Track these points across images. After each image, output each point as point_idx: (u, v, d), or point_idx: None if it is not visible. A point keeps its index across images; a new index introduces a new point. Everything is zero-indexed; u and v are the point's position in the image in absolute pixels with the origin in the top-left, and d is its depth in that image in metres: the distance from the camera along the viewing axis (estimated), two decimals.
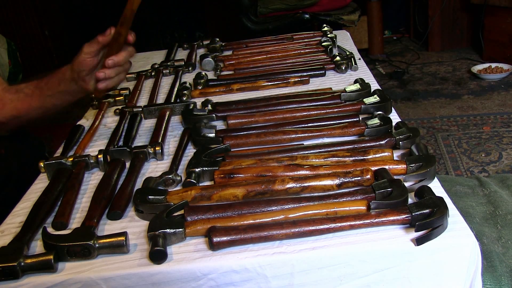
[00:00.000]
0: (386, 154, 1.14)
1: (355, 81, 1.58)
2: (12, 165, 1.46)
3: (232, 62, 1.99)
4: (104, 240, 0.93)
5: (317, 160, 1.14)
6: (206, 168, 1.15)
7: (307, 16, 3.63)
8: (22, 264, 0.90)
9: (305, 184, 1.05)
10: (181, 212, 1.00)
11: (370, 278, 0.92)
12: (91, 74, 1.27)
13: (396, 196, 0.96)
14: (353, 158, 1.14)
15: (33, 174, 1.29)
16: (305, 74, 1.77)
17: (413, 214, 0.91)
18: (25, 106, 1.31)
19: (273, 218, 0.95)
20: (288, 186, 1.05)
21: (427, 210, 0.92)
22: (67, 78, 1.25)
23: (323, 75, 1.79)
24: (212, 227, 0.93)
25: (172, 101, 1.66)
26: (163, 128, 1.44)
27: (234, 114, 1.45)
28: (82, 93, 1.33)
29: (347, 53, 1.95)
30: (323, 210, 0.96)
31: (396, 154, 1.19)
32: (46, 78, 1.30)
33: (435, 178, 1.07)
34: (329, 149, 1.20)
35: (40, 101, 1.30)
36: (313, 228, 0.91)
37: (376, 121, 1.29)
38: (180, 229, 0.94)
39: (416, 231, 0.90)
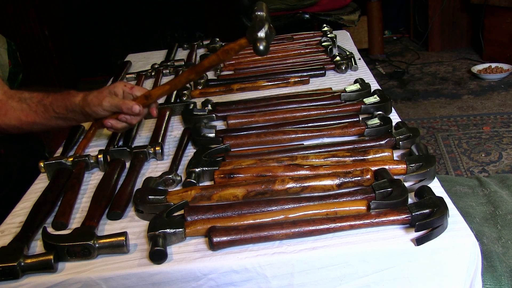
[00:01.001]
0: (386, 154, 1.14)
1: (355, 81, 1.58)
2: (12, 165, 1.46)
3: (232, 62, 1.98)
4: (104, 240, 0.93)
5: (317, 160, 1.14)
6: (206, 168, 1.15)
7: (307, 16, 3.63)
8: (22, 264, 0.90)
9: (305, 184, 1.05)
10: (181, 212, 1.00)
11: (370, 278, 0.92)
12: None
13: (396, 196, 0.96)
14: (353, 158, 1.14)
15: (33, 174, 1.29)
16: (305, 74, 1.77)
17: (413, 214, 0.91)
18: (29, 120, 1.32)
19: (273, 218, 0.95)
20: (288, 186, 1.05)
21: (427, 210, 0.92)
22: (77, 110, 1.27)
23: (323, 75, 1.79)
24: (212, 227, 0.93)
25: (172, 101, 1.66)
26: (163, 128, 1.44)
27: (234, 114, 1.45)
28: (88, 121, 1.39)
29: (347, 53, 1.95)
30: (323, 210, 0.96)
31: (396, 154, 1.19)
32: (51, 97, 1.30)
33: (435, 178, 1.07)
34: (329, 149, 1.20)
35: (45, 120, 1.32)
36: (313, 228, 0.91)
37: (376, 121, 1.29)
38: (180, 229, 0.94)
39: (416, 231, 0.90)
